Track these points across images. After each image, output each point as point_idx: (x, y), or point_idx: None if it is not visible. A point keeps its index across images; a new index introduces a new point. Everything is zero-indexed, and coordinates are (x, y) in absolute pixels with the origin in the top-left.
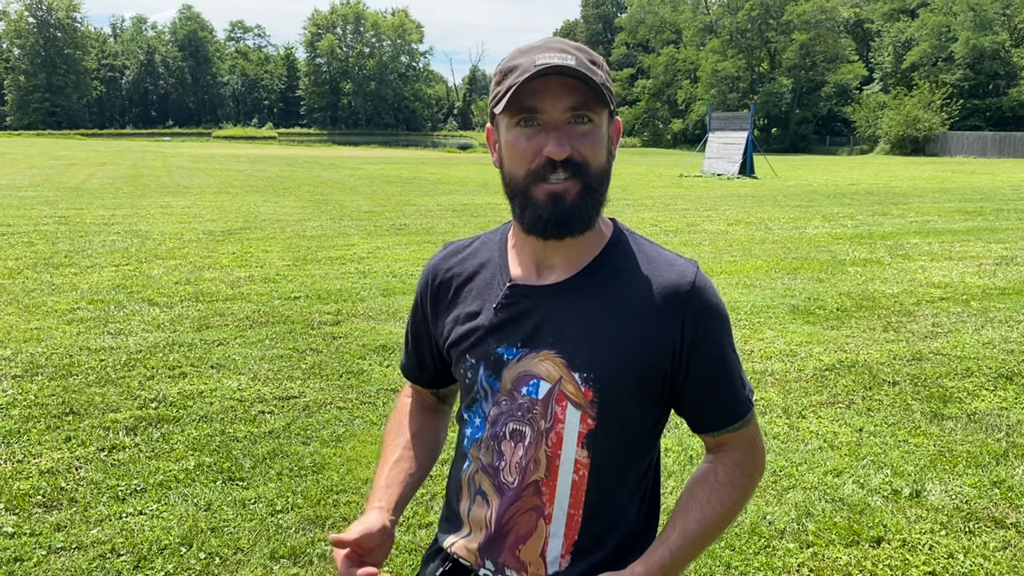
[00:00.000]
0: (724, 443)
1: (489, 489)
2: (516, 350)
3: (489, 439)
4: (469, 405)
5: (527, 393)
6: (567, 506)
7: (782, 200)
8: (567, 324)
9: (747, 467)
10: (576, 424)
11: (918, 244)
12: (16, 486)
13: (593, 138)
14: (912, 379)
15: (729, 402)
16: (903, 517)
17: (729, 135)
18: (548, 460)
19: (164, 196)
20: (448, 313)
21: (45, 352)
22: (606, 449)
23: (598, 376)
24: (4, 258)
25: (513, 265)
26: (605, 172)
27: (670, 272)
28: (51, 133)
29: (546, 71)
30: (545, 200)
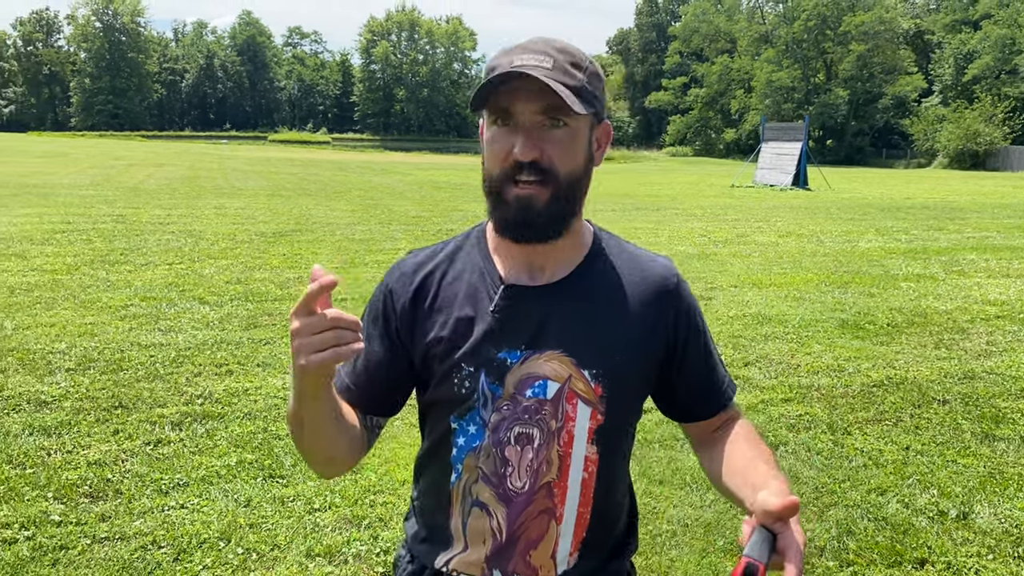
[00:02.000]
0: (723, 419)
1: (491, 499)
2: (520, 352)
3: (491, 446)
4: (461, 414)
5: (533, 395)
6: (577, 504)
7: (835, 213)
8: (570, 323)
9: (749, 423)
10: (587, 421)
11: (975, 260)
12: (65, 476)
13: (565, 144)
14: (963, 398)
15: (725, 383)
16: (949, 539)
17: (783, 146)
18: (560, 460)
19: (219, 197)
20: (430, 319)
21: (98, 347)
22: (613, 443)
23: (607, 372)
24: (63, 254)
25: (500, 266)
26: (578, 178)
27: (656, 268)
28: (113, 134)
29: (509, 76)
30: (513, 203)
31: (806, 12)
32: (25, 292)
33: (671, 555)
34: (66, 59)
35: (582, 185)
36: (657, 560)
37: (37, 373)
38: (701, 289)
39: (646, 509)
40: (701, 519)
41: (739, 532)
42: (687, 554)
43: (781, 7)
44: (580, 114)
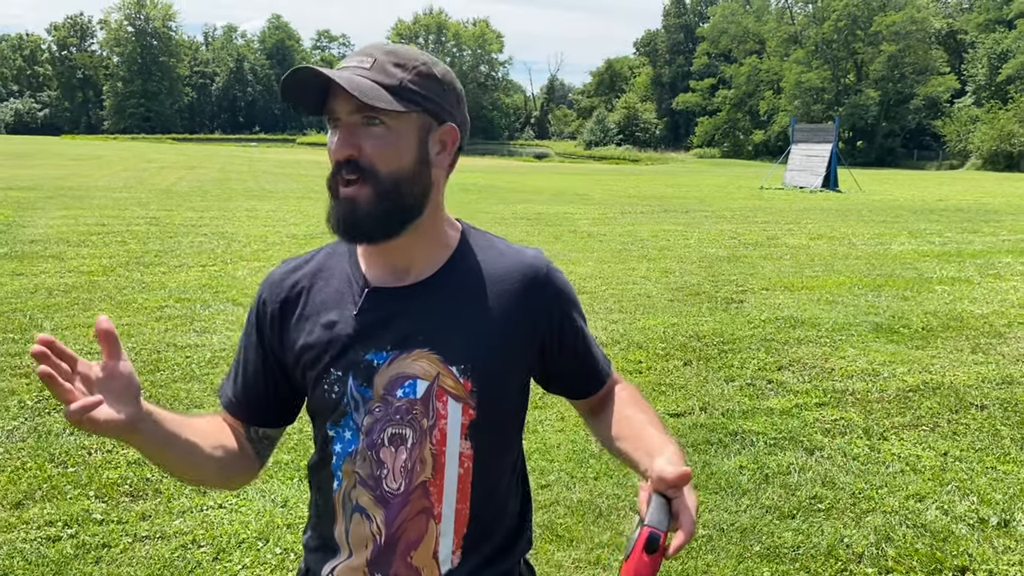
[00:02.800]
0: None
1: (369, 503)
2: (386, 353)
3: (365, 450)
4: (336, 421)
5: (403, 395)
6: (455, 502)
7: (866, 215)
8: (436, 320)
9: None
10: (459, 417)
11: (1011, 264)
12: (105, 475)
13: (384, 142)
14: (1002, 403)
15: (601, 361)
16: (990, 547)
17: (812, 147)
18: (434, 458)
19: (250, 200)
20: (299, 327)
21: (135, 347)
22: (488, 438)
23: (475, 366)
24: (99, 256)
25: (367, 269)
26: (405, 178)
27: (524, 259)
28: (144, 137)
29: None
30: (338, 203)
31: (836, 12)
32: (63, 293)
33: (707, 559)
34: (99, 63)
35: (415, 186)
36: (693, 564)
37: None
38: (732, 291)
39: None
40: (737, 524)
41: (775, 537)
42: (723, 559)
43: (811, 7)
44: (391, 111)
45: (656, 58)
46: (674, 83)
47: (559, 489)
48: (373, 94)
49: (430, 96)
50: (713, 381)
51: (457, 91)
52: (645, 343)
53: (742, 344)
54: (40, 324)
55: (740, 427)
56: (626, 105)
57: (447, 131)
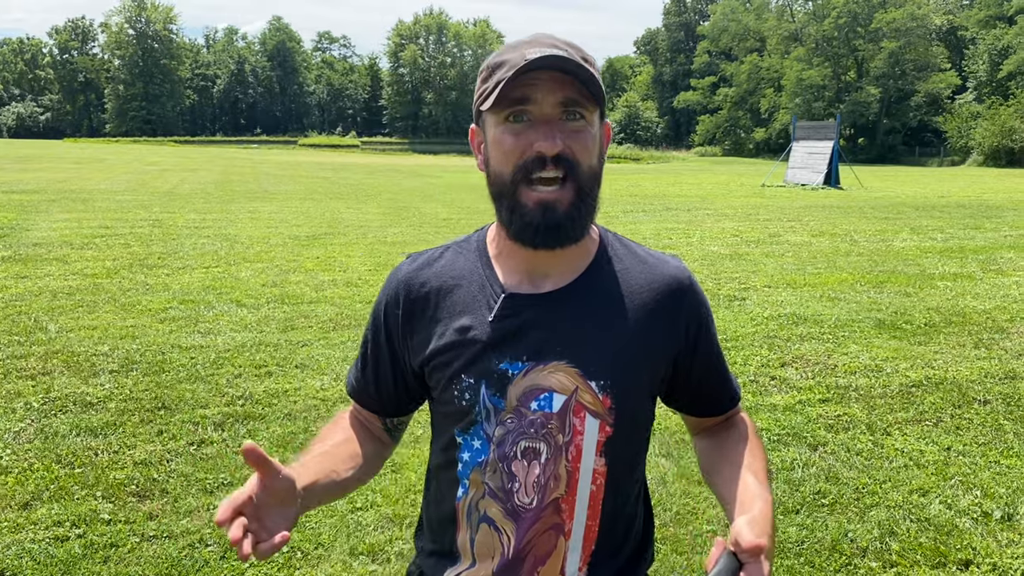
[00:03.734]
0: (731, 414)
1: (499, 515)
2: (522, 364)
3: (497, 461)
4: (465, 428)
5: (538, 408)
6: (585, 518)
7: (868, 212)
8: (575, 332)
9: (749, 420)
10: (595, 433)
11: (1013, 259)
12: (112, 476)
13: (586, 137)
14: (1004, 398)
15: (732, 384)
16: (994, 540)
17: (814, 144)
18: (568, 475)
19: (252, 201)
20: (429, 329)
21: (140, 349)
22: (622, 454)
23: (615, 382)
24: (103, 258)
25: (501, 274)
26: (597, 175)
27: (667, 268)
28: (146, 140)
29: (539, 63)
30: (535, 207)
31: (836, 9)
32: (67, 296)
33: None
34: (100, 66)
35: (599, 183)
36: (699, 560)
37: (82, 375)
38: (735, 289)
39: (685, 509)
40: None
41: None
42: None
43: (811, 5)
44: (597, 107)
45: (657, 57)
46: (675, 81)
47: None
48: (596, 88)
49: (603, 91)
50: None
51: None
52: None
53: (745, 341)
54: (44, 326)
55: None
56: (627, 104)
57: (607, 128)
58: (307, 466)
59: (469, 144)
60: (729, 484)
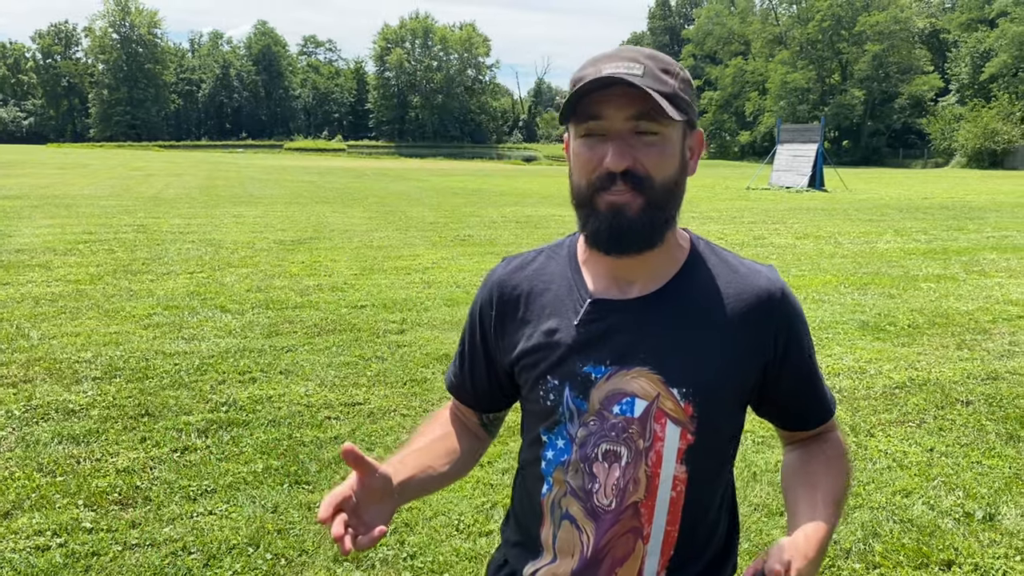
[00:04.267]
0: (822, 431)
1: (580, 514)
2: (605, 368)
3: (579, 461)
4: (550, 428)
5: (620, 412)
6: (664, 523)
7: (853, 214)
8: (659, 339)
9: (843, 439)
10: (676, 441)
11: (995, 260)
12: (95, 484)
13: (659, 151)
14: (987, 399)
15: (824, 399)
16: (976, 541)
17: (798, 147)
18: (648, 480)
19: (237, 206)
20: (519, 331)
21: (123, 355)
22: (703, 463)
23: (698, 391)
24: (86, 264)
25: (589, 279)
26: (673, 187)
27: (758, 281)
28: (131, 145)
29: (601, 83)
30: (606, 210)
31: (820, 13)
32: (50, 302)
33: None
34: (84, 71)
35: (677, 194)
36: None
37: (64, 382)
38: None
39: None
40: None
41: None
42: None
43: (795, 8)
44: (673, 120)
45: None
46: None
47: None
48: (665, 104)
49: (691, 102)
50: None
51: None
52: None
53: None
54: (27, 333)
55: None
56: None
57: (697, 136)
58: (405, 462)
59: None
60: (797, 503)
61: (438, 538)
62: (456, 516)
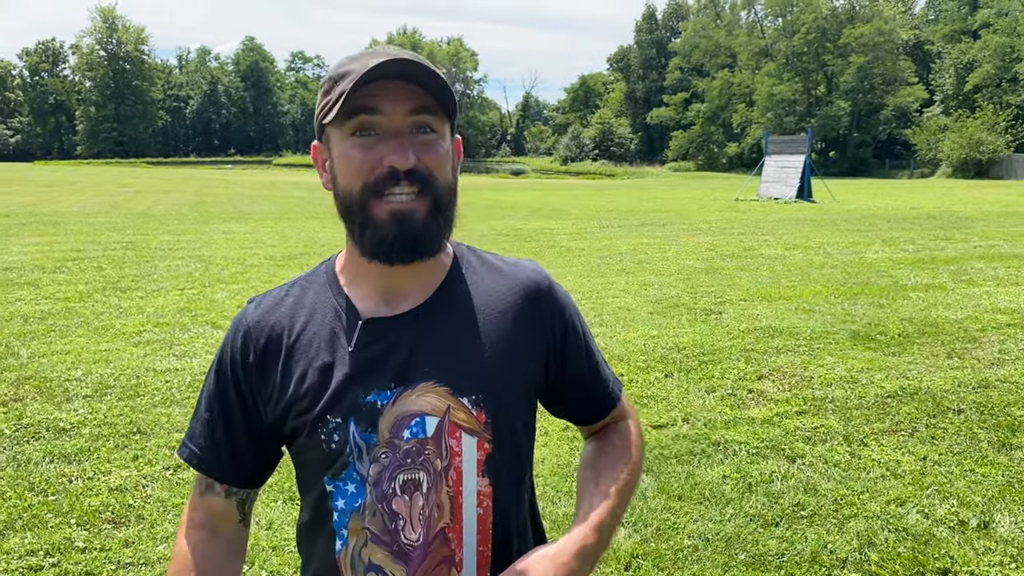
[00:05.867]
0: (609, 421)
1: (386, 560)
2: (390, 392)
3: (375, 503)
4: (336, 474)
5: (412, 435)
6: (475, 544)
7: (841, 224)
8: (439, 349)
9: (636, 426)
10: (474, 452)
11: (983, 269)
12: (87, 502)
13: (438, 150)
14: (978, 407)
15: (608, 386)
16: (971, 549)
17: (786, 159)
18: (451, 500)
19: (227, 222)
20: (286, 375)
21: (114, 373)
22: (504, 471)
23: (488, 395)
24: (75, 282)
25: (357, 301)
26: (453, 188)
27: (524, 274)
28: (119, 161)
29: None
30: (388, 219)
31: (805, 25)
32: (39, 320)
33: (692, 569)
34: (71, 88)
35: (455, 197)
36: (680, 575)
37: (55, 400)
38: (711, 303)
39: (666, 524)
40: (721, 533)
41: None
42: (708, 568)
43: (780, 21)
44: (447, 121)
45: (629, 74)
46: (648, 98)
47: (544, 503)
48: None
49: (455, 109)
50: (694, 392)
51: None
52: (626, 356)
53: (722, 355)
54: (16, 352)
55: (722, 437)
56: (601, 121)
57: (458, 142)
58: None
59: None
60: (580, 497)
61: None
62: None
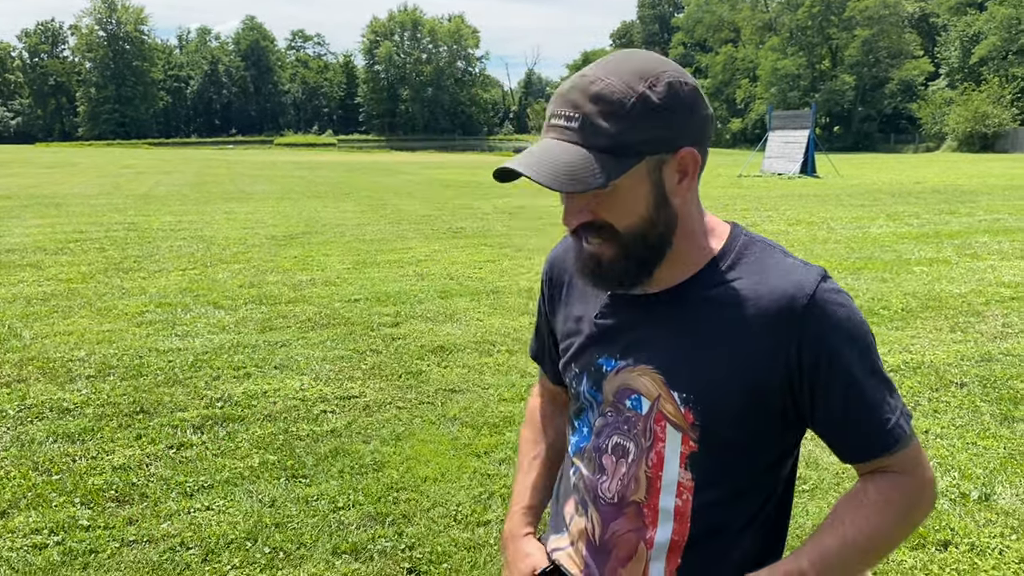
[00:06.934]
0: (877, 469)
1: (590, 501)
2: (615, 361)
3: (592, 451)
4: (577, 413)
5: (631, 407)
6: (670, 532)
7: (845, 199)
8: (667, 338)
9: (905, 489)
10: (678, 445)
11: (987, 243)
12: (91, 481)
13: (614, 202)
14: (981, 380)
15: (872, 432)
16: (971, 521)
17: (790, 134)
18: (648, 481)
19: (228, 202)
20: (561, 312)
21: (116, 353)
22: (714, 473)
23: (699, 398)
24: (78, 263)
25: None
26: (647, 228)
27: (785, 283)
28: (120, 143)
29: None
30: (584, 255)
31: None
32: (42, 302)
33: None
34: (71, 69)
35: (657, 229)
36: None
37: (58, 381)
38: None
39: None
40: None
41: None
42: None
43: None
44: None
45: None
46: None
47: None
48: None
49: (656, 133)
50: None
51: (685, 104)
52: None
53: None
54: (19, 333)
55: None
56: None
57: (683, 157)
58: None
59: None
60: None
61: (436, 528)
62: (454, 507)
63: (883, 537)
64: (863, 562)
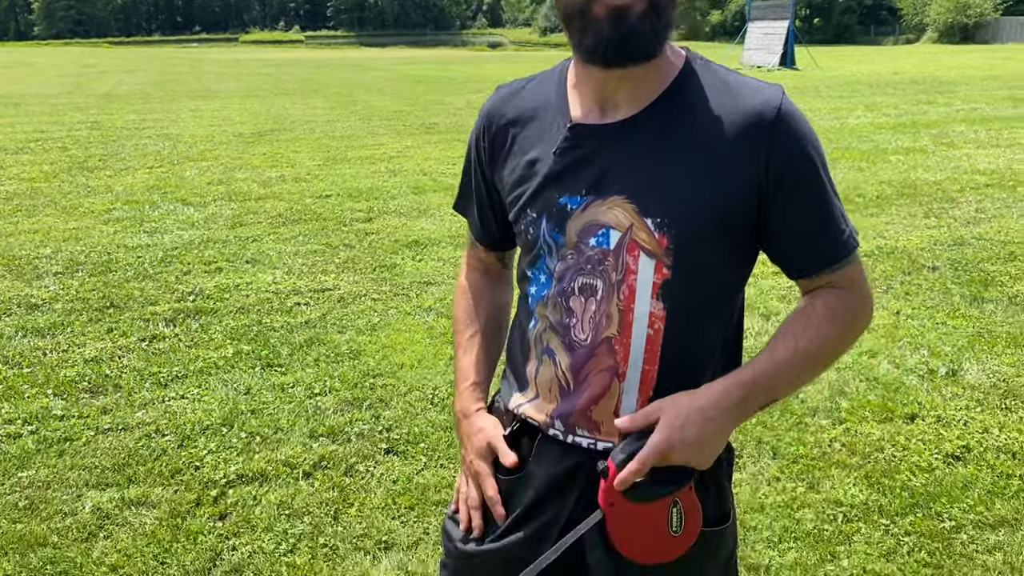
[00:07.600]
0: (824, 284)
1: (559, 348)
2: (580, 198)
3: (556, 296)
4: (532, 262)
5: (596, 244)
6: (642, 363)
7: (823, 91)
8: (636, 166)
9: (850, 303)
10: (650, 275)
11: (964, 132)
12: (63, 373)
13: None
14: (953, 264)
15: (828, 241)
16: (938, 395)
17: (769, 25)
18: (620, 315)
19: (193, 100)
20: (507, 163)
21: (84, 250)
22: (684, 300)
23: (674, 220)
24: (39, 162)
25: (574, 105)
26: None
27: (751, 99)
28: (78, 42)
29: None
30: (605, 16)
31: None
32: (4, 200)
33: None
34: None
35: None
36: None
37: (25, 278)
38: None
39: None
40: None
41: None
42: None
43: None
44: None
45: None
46: None
47: None
48: None
49: None
50: None
51: None
52: None
53: None
54: None
55: None
56: None
57: None
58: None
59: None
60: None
61: (413, 411)
62: (430, 391)
63: (830, 347)
64: (811, 369)
